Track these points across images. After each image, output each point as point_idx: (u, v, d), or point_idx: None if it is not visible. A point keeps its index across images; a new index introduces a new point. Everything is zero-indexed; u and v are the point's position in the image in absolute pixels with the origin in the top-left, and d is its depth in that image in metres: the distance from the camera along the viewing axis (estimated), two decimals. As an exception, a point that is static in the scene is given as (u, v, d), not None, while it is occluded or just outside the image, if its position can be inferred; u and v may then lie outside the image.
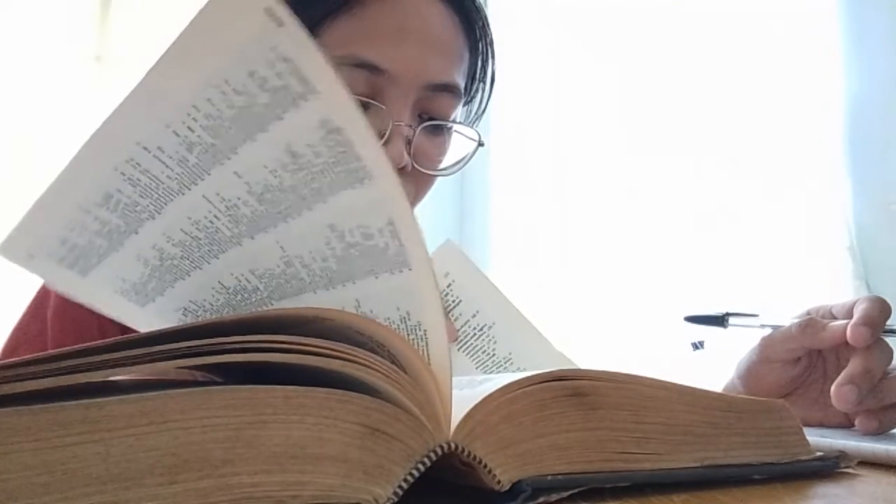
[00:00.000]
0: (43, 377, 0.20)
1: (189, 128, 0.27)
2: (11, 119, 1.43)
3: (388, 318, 0.29)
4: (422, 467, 0.23)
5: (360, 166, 0.26)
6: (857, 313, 0.46)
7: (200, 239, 0.31)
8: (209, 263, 0.33)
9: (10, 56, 1.45)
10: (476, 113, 0.70)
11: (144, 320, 0.35)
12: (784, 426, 0.34)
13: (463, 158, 0.65)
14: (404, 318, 0.28)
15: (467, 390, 0.29)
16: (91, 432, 0.19)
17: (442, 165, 0.64)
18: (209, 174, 0.28)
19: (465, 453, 0.24)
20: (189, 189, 0.29)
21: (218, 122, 0.26)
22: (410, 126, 0.58)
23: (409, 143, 0.58)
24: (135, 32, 1.52)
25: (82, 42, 1.53)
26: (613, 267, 1.90)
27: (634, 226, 1.87)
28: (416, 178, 0.61)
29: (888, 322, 0.47)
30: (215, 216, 0.30)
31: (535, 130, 2.32)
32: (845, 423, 0.48)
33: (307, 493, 0.21)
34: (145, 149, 0.28)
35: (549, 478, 0.26)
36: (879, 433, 0.44)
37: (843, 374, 0.45)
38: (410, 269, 0.27)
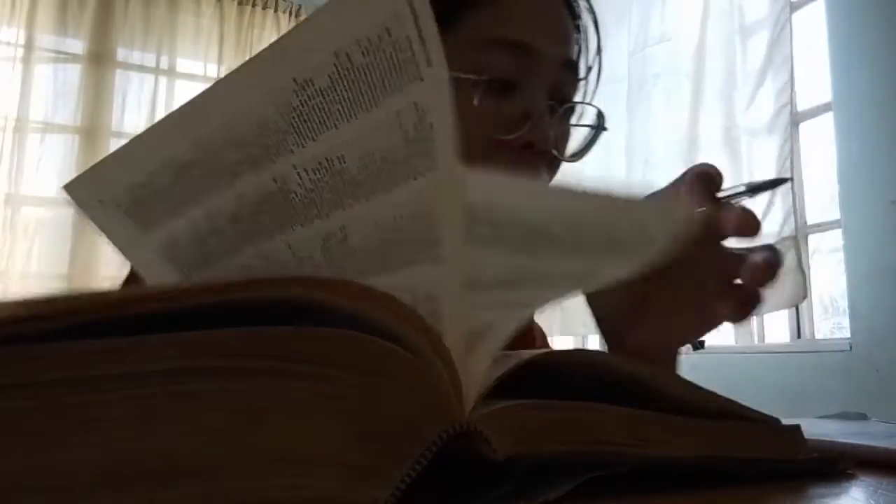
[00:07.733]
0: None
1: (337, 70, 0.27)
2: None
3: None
4: (419, 467, 0.23)
5: (433, 157, 0.27)
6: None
7: (295, 207, 0.29)
8: (270, 241, 0.30)
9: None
10: (591, 93, 0.65)
11: None
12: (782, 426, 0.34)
13: (587, 145, 0.61)
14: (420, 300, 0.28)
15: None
16: (81, 433, 0.19)
17: (569, 152, 0.60)
18: (337, 128, 0.27)
19: (470, 428, 0.24)
20: (306, 143, 0.28)
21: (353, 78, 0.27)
22: (553, 107, 0.56)
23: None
24: None
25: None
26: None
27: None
28: (549, 167, 0.58)
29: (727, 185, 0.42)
30: (311, 182, 0.29)
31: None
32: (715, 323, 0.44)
33: (303, 496, 0.20)
34: (295, 88, 0.27)
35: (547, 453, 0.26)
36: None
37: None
38: (444, 261, 0.27)
